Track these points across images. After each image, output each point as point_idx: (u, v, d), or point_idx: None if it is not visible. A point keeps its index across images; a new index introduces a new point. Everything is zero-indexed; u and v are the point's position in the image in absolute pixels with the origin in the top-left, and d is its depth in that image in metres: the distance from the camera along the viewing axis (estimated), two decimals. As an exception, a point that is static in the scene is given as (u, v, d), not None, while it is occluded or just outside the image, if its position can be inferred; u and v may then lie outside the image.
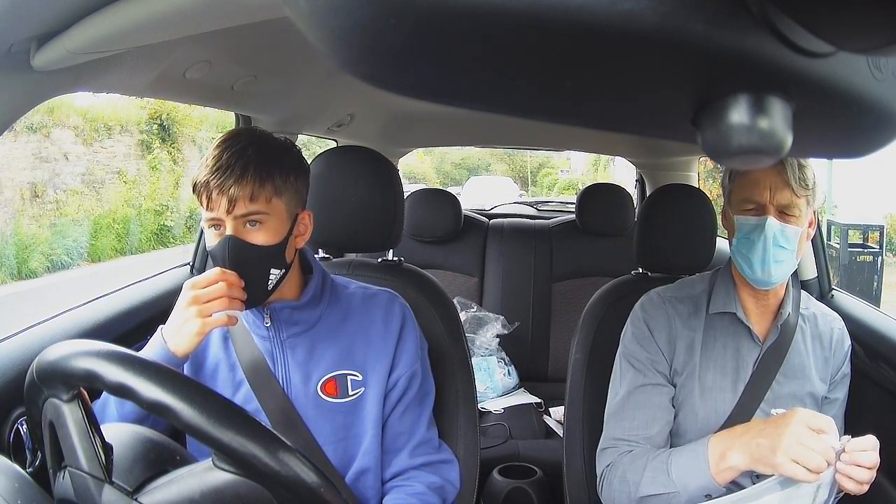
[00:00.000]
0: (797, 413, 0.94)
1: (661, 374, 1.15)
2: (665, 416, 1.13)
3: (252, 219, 0.95)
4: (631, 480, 1.08)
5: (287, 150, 1.00)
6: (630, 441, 1.13)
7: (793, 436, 0.90)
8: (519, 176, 24.04)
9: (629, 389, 1.16)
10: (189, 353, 0.94)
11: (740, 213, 1.08)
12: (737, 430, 1.02)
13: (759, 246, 1.05)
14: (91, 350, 0.67)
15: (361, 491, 1.06)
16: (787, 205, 1.04)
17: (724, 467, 0.99)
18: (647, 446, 1.12)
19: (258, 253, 0.95)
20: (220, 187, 0.92)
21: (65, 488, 0.68)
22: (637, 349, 1.17)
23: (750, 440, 0.96)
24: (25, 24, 0.72)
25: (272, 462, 0.63)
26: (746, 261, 1.07)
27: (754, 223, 1.06)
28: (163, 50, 1.01)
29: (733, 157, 0.23)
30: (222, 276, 0.93)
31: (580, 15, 0.19)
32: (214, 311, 0.93)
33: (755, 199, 1.06)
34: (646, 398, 1.14)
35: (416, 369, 1.10)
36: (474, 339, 2.28)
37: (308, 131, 2.00)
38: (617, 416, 1.16)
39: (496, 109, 0.25)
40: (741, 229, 1.08)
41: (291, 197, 0.99)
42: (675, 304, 1.19)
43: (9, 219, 7.99)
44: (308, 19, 0.22)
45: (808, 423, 0.92)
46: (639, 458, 1.09)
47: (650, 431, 1.12)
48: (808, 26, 0.21)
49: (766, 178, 1.04)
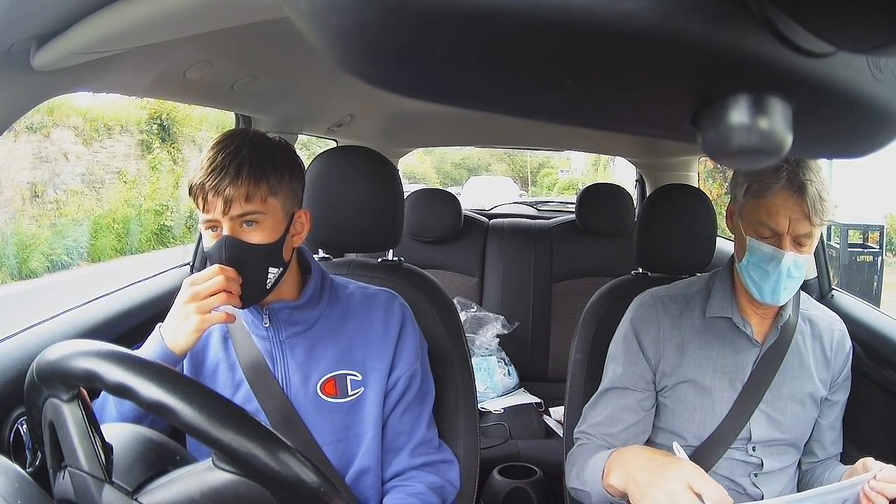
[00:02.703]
0: (683, 467, 0.89)
1: (637, 377, 1.16)
2: (629, 418, 1.15)
3: (248, 219, 0.95)
4: (568, 472, 1.14)
5: (281, 150, 1.00)
6: (590, 435, 1.17)
7: (667, 491, 0.86)
8: (519, 176, 24.05)
9: (604, 388, 1.19)
10: (187, 351, 0.94)
11: (754, 234, 1.05)
12: (631, 451, 1.01)
13: (773, 277, 1.04)
14: (91, 350, 0.67)
15: (361, 491, 1.06)
16: (804, 235, 1.02)
17: (608, 483, 1.00)
18: (602, 443, 1.14)
19: (255, 252, 0.95)
20: (215, 189, 0.92)
21: (65, 488, 0.68)
22: (619, 351, 1.19)
23: (631, 469, 0.94)
24: (25, 24, 0.72)
25: (272, 462, 0.63)
26: (756, 286, 1.06)
27: (769, 254, 1.04)
28: (163, 50, 1.01)
29: (733, 157, 0.23)
30: (221, 271, 0.93)
31: (580, 15, 0.19)
32: (213, 306, 0.93)
33: (772, 228, 1.03)
34: (614, 399, 1.16)
35: (415, 369, 1.10)
36: (474, 339, 2.28)
37: (308, 131, 2.00)
38: (588, 410, 1.20)
39: (496, 109, 0.25)
40: (754, 253, 1.06)
41: (287, 196, 0.99)
42: (666, 303, 1.19)
43: (9, 219, 7.99)
44: (308, 19, 0.22)
45: (691, 482, 0.85)
46: (583, 453, 1.13)
47: (611, 430, 1.15)
48: (808, 26, 0.21)
49: (786, 209, 1.01)
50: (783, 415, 1.13)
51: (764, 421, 1.12)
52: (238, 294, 0.95)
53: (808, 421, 1.16)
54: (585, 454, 1.11)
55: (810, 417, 1.16)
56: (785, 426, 1.13)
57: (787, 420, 1.13)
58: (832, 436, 1.19)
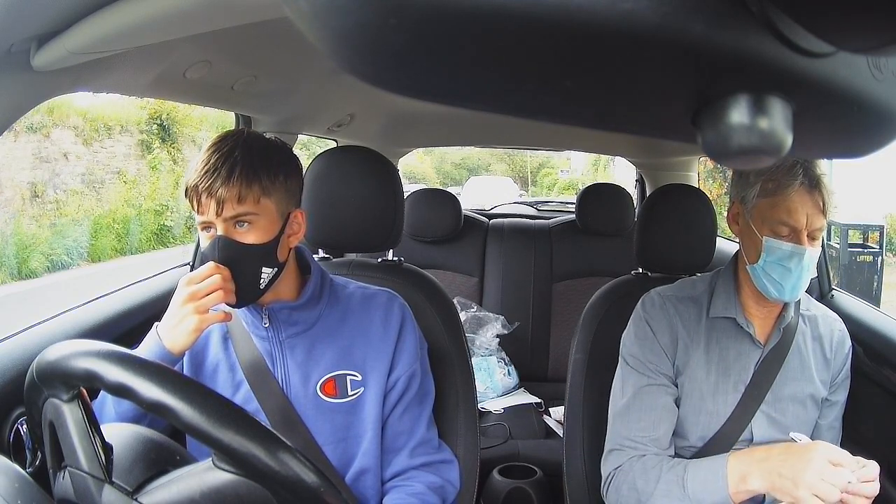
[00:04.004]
0: (819, 447, 0.96)
1: (664, 375, 1.15)
2: (670, 417, 1.13)
3: (241, 220, 0.95)
4: (641, 489, 1.07)
5: (276, 150, 1.00)
6: (637, 443, 1.12)
7: (815, 472, 0.92)
8: (519, 176, 24.05)
9: (634, 391, 1.15)
10: (185, 351, 0.94)
11: (771, 234, 1.05)
12: (757, 453, 1.01)
13: (795, 274, 1.04)
14: (91, 350, 0.67)
15: (361, 491, 1.06)
16: (819, 228, 1.04)
17: (744, 489, 0.99)
18: (656, 450, 1.11)
19: (248, 252, 0.95)
20: (208, 190, 0.93)
21: (65, 488, 0.68)
22: (639, 350, 1.17)
23: (772, 468, 0.97)
24: (25, 24, 0.72)
25: (272, 462, 0.63)
26: (775, 284, 1.06)
27: (790, 251, 1.04)
28: (163, 50, 1.01)
29: (733, 158, 0.23)
30: (216, 269, 0.93)
31: (580, 15, 0.19)
32: (211, 305, 0.93)
33: (792, 225, 1.04)
34: (651, 399, 1.14)
35: (415, 369, 1.10)
36: (474, 339, 2.28)
37: (308, 131, 2.00)
38: (623, 416, 1.15)
39: (496, 109, 0.25)
40: (773, 253, 1.05)
41: (281, 196, 0.99)
42: (675, 303, 1.18)
43: (9, 219, 7.99)
44: (308, 19, 0.22)
45: (830, 458, 0.93)
46: (651, 468, 1.08)
47: (657, 433, 1.12)
48: (808, 26, 0.21)
49: (804, 206, 1.02)
50: (784, 416, 1.13)
51: (765, 422, 1.12)
52: (233, 291, 0.95)
53: (809, 422, 1.16)
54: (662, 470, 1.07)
55: (811, 418, 1.16)
56: (786, 427, 1.12)
57: (788, 421, 1.13)
58: (830, 436, 1.19)
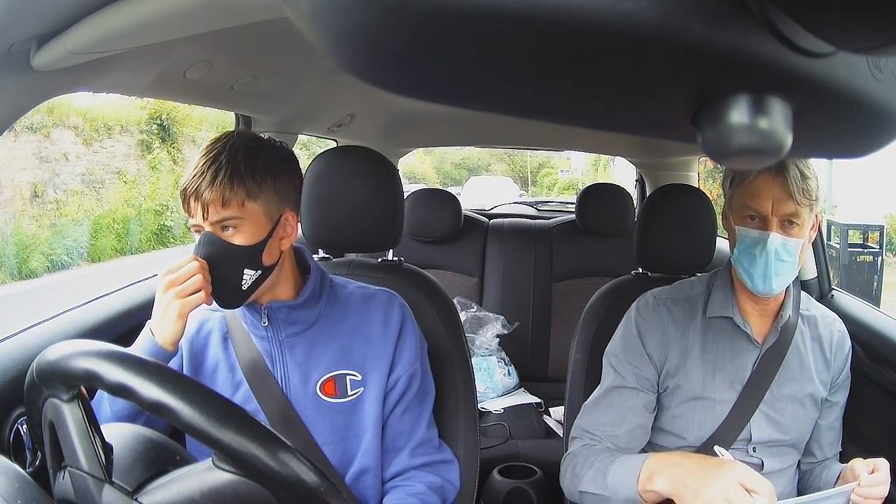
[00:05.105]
0: (736, 467, 0.90)
1: (643, 379, 1.15)
2: (635, 420, 1.13)
3: (225, 224, 0.95)
4: (577, 473, 1.10)
5: (265, 152, 0.99)
6: (594, 435, 1.15)
7: (720, 490, 0.86)
8: (519, 176, 24.06)
9: (607, 388, 1.17)
10: (176, 342, 0.95)
11: (741, 222, 1.06)
12: (674, 457, 1.00)
13: (761, 261, 1.04)
14: (91, 350, 0.67)
15: (361, 491, 1.06)
16: (791, 214, 1.02)
17: (650, 488, 0.98)
18: (611, 446, 1.13)
19: (231, 251, 0.95)
20: (195, 194, 0.94)
21: (65, 488, 0.68)
22: (621, 351, 1.18)
23: (679, 474, 0.93)
24: (25, 24, 0.72)
25: (272, 462, 0.63)
26: (747, 273, 1.06)
27: (756, 237, 1.04)
28: (163, 50, 1.01)
29: (733, 157, 0.23)
30: (194, 259, 0.94)
31: (580, 15, 0.19)
32: (191, 290, 0.93)
33: (756, 210, 1.04)
34: (621, 399, 1.15)
35: (415, 369, 1.10)
36: (474, 339, 2.28)
37: (308, 131, 2.00)
38: (590, 409, 1.18)
39: (496, 109, 0.25)
40: (742, 241, 1.06)
41: (270, 199, 0.98)
42: (669, 306, 1.18)
43: (9, 219, 7.99)
44: (308, 19, 0.22)
45: (743, 482, 0.86)
46: (592, 455, 1.10)
47: (616, 431, 1.13)
48: (808, 26, 0.21)
49: (769, 190, 1.02)
50: (783, 416, 1.13)
51: (764, 422, 1.12)
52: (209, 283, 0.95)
53: (809, 422, 1.16)
54: (597, 458, 1.08)
55: (810, 418, 1.16)
56: (785, 427, 1.12)
57: (787, 421, 1.13)
58: (831, 437, 1.19)
